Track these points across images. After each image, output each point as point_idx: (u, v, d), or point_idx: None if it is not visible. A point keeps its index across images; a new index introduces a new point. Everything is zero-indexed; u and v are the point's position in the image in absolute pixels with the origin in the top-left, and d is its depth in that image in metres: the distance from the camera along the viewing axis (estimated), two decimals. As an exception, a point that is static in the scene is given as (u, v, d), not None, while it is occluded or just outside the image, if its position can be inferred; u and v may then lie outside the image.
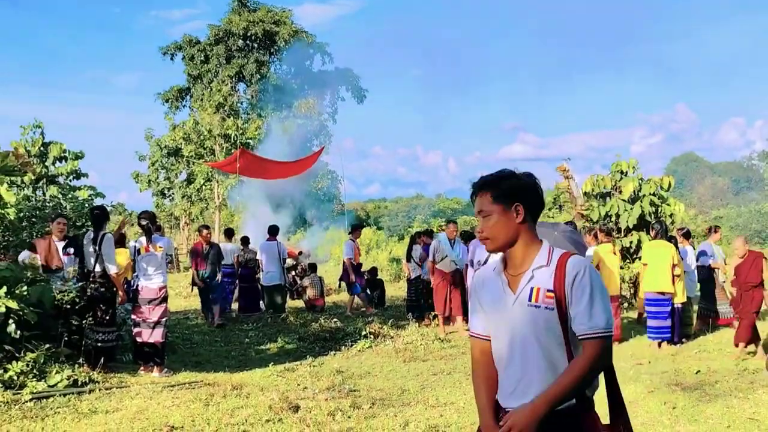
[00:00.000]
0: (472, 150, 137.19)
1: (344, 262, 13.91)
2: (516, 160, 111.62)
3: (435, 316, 11.70)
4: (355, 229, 14.83)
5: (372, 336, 10.26)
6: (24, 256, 8.32)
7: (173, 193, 31.92)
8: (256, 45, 38.81)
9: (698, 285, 10.89)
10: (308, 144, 37.49)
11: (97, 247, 7.72)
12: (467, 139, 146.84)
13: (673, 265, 9.55)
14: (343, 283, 14.73)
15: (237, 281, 13.41)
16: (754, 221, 33.64)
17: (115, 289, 7.96)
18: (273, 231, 13.50)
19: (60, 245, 8.36)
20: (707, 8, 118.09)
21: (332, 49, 40.54)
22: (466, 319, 10.83)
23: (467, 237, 11.80)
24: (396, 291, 17.38)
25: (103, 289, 7.82)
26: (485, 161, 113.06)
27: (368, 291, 14.70)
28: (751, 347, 8.71)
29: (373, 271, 15.51)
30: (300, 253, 17.28)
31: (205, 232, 12.17)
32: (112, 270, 7.77)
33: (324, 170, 35.66)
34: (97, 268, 7.76)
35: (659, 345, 9.48)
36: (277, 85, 38.16)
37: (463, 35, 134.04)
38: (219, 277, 12.04)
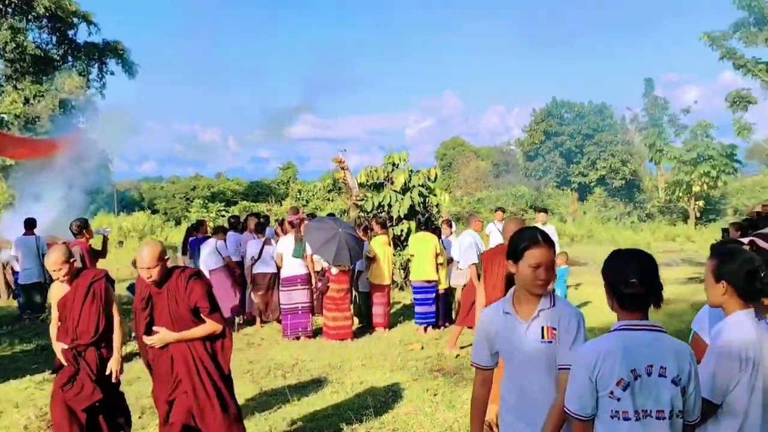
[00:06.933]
0: (253, 129, 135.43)
1: None
2: (298, 140, 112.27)
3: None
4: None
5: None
6: None
7: None
8: (10, 10, 34.94)
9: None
10: (74, 120, 34.69)
11: None
12: (248, 118, 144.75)
13: (437, 254, 10.28)
14: None
15: None
16: (510, 203, 37.03)
17: None
18: (30, 224, 12.36)
19: None
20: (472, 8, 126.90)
21: (99, 19, 37.78)
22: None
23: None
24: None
25: None
26: (267, 140, 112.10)
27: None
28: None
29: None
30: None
31: None
32: None
33: (92, 148, 33.23)
34: None
35: (425, 330, 10.17)
36: (36, 56, 34.74)
37: (247, 10, 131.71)
38: None
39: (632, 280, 2.54)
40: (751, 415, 2.80)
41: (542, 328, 2.92)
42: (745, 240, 3.81)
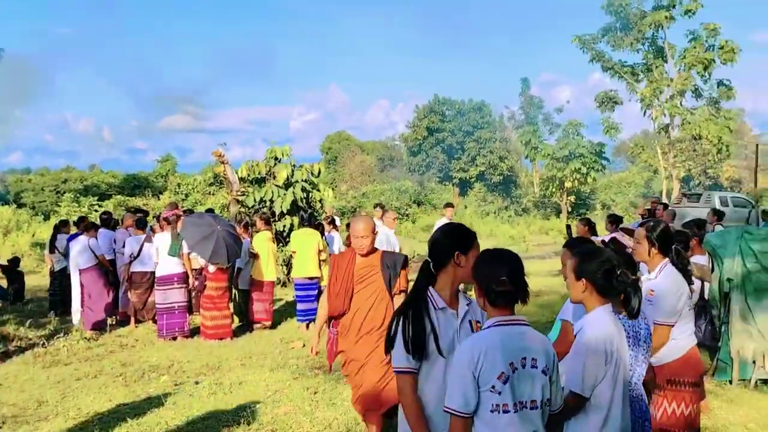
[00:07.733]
0: (129, 119, 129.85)
1: None
2: (178, 131, 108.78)
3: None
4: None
5: (5, 340, 9.21)
6: None
7: None
8: None
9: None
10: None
11: None
12: (125, 107, 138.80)
13: (319, 251, 10.24)
14: None
15: None
16: (394, 198, 37.50)
17: None
18: None
19: None
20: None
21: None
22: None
23: None
24: (40, 280, 15.83)
25: None
26: (144, 130, 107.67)
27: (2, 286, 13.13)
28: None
29: (15, 261, 13.89)
30: None
31: None
32: None
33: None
34: None
35: (307, 326, 10.11)
36: None
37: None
38: None
39: (502, 278, 2.63)
40: (614, 407, 2.97)
41: (470, 322, 3.01)
42: (604, 238, 4.03)
